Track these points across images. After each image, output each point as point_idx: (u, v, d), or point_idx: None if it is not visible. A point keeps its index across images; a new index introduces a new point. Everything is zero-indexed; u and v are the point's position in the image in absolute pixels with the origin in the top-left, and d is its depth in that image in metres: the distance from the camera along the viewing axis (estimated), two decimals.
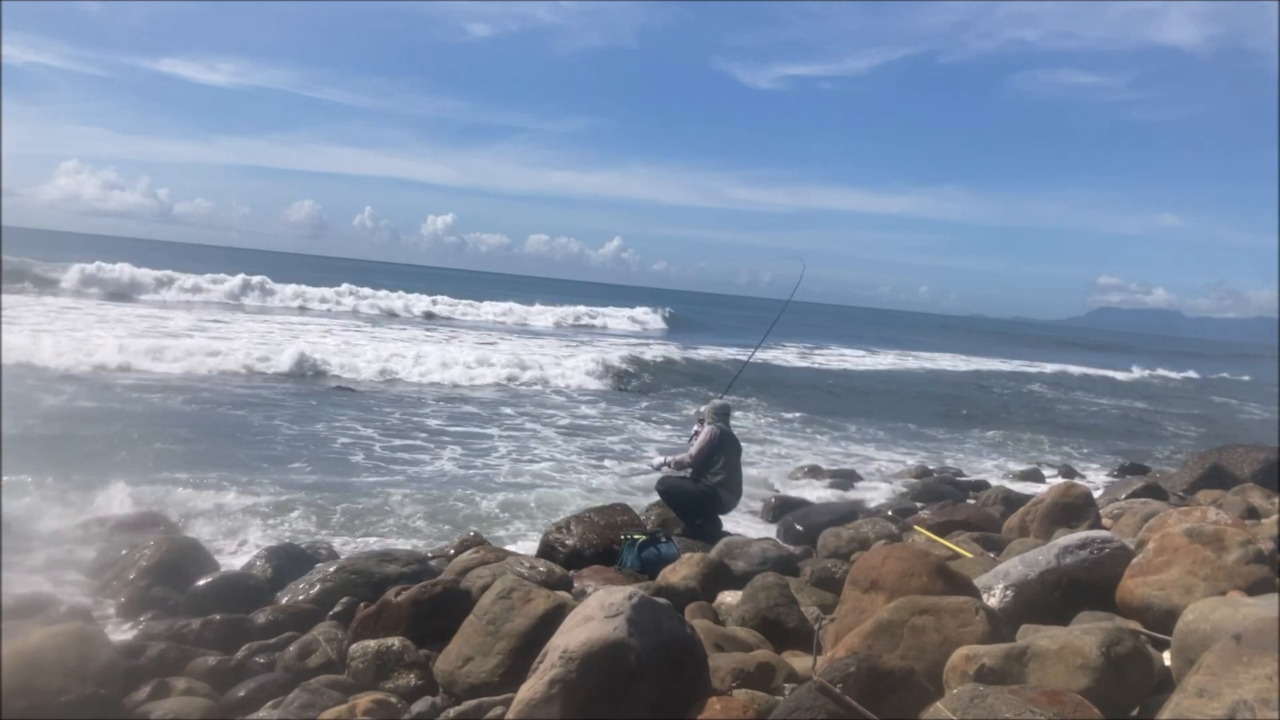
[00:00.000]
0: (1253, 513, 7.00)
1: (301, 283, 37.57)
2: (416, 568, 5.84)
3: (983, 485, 10.78)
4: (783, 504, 8.80)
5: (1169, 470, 11.97)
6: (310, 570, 5.86)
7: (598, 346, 21.71)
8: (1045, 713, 2.57)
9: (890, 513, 8.63)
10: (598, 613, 3.23)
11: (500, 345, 24.48)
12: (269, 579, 5.83)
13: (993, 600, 4.13)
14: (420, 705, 4.00)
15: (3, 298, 22.03)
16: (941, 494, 9.92)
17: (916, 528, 7.28)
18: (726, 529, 7.67)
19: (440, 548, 6.85)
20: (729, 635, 4.50)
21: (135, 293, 30.66)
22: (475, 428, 12.90)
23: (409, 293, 40.40)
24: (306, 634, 4.88)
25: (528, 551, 6.68)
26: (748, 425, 14.62)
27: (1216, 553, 4.06)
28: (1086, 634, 3.16)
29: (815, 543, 7.26)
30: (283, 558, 6.10)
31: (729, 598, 5.36)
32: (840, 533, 7.08)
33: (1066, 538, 4.52)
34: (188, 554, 5.89)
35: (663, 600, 3.72)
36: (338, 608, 5.29)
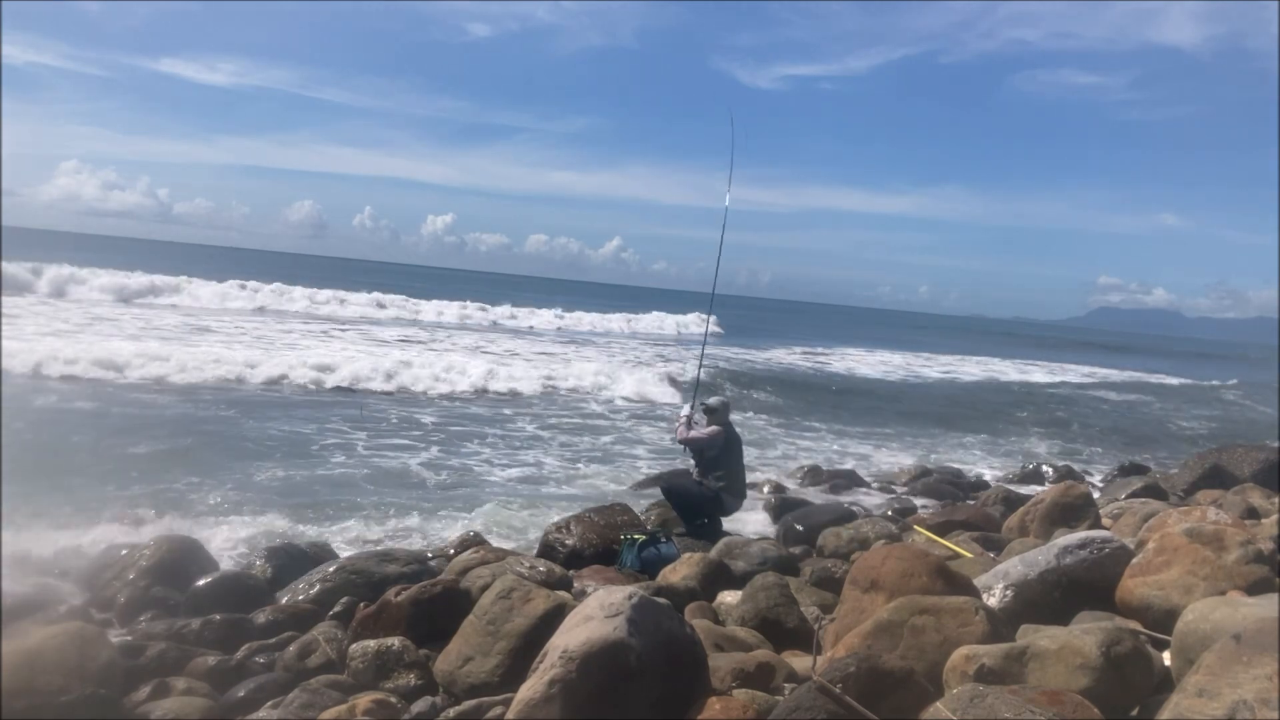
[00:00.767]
0: (1253, 513, 7.00)
1: (376, 289, 38.61)
2: (416, 568, 5.84)
3: (983, 485, 10.78)
4: (783, 504, 8.79)
5: (1169, 470, 11.96)
6: (310, 570, 5.86)
7: (678, 359, 20.60)
8: (1045, 713, 2.56)
9: (890, 513, 8.63)
10: (598, 613, 3.23)
11: (577, 355, 23.42)
12: (269, 579, 5.84)
13: (993, 600, 4.13)
14: (420, 705, 4.00)
15: (8, 298, 22.01)
16: (941, 494, 9.92)
17: (916, 528, 7.28)
18: (726, 529, 7.68)
19: (440, 548, 6.85)
20: (729, 635, 4.50)
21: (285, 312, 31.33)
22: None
23: (469, 301, 40.56)
24: (306, 634, 4.88)
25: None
26: (815, 443, 14.20)
27: (1216, 553, 4.06)
28: (1086, 634, 3.16)
29: (815, 543, 7.26)
30: (283, 558, 6.10)
31: (729, 598, 5.36)
32: (840, 533, 7.08)
33: (1066, 538, 4.52)
34: (188, 554, 5.89)
35: (663, 600, 3.72)
36: (338, 608, 5.29)
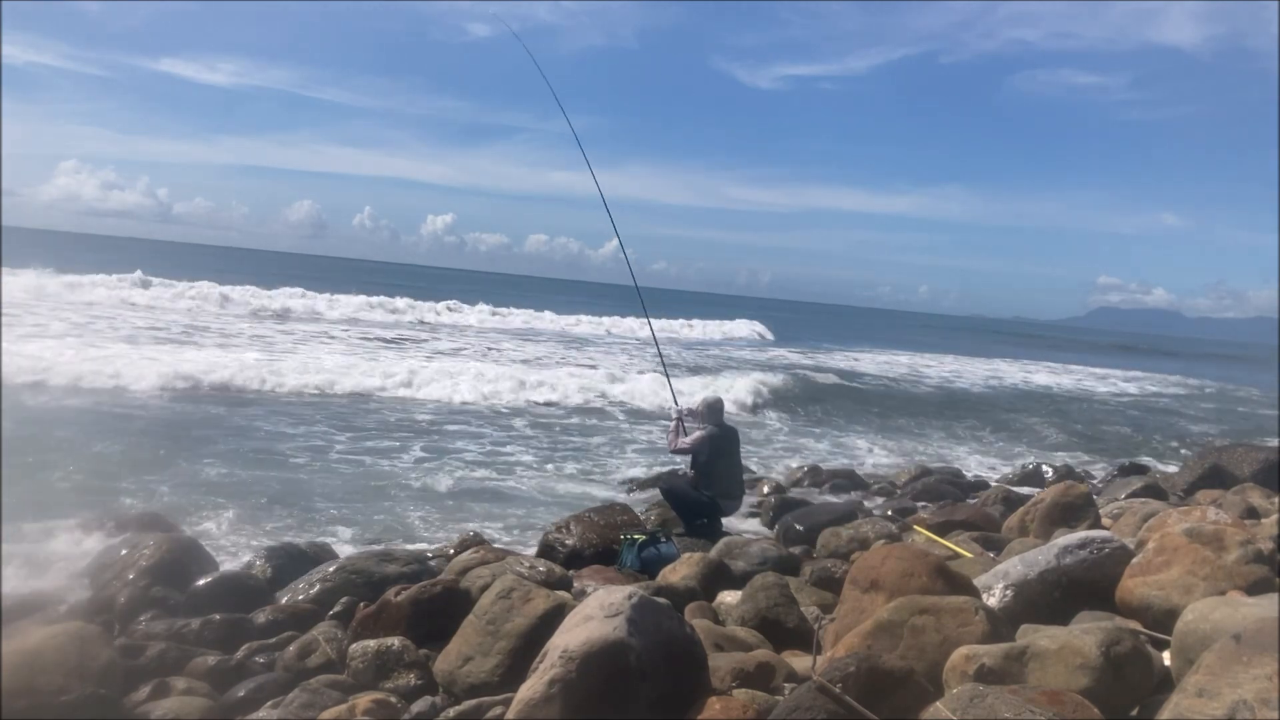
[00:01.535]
0: (1252, 513, 6.99)
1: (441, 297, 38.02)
2: (416, 567, 5.84)
3: (983, 485, 10.78)
4: (783, 504, 8.79)
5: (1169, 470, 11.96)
6: (310, 570, 5.86)
7: (745, 371, 19.48)
8: (1045, 713, 2.56)
9: (890, 512, 8.63)
10: (598, 612, 3.23)
11: (645, 366, 21.75)
12: (269, 579, 5.83)
13: (992, 600, 4.13)
14: (420, 705, 4.00)
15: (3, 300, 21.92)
16: (941, 494, 9.91)
17: (916, 528, 7.27)
18: (726, 529, 7.68)
19: (440, 548, 6.86)
20: (729, 635, 4.50)
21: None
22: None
23: (523, 308, 39.61)
24: (306, 634, 4.88)
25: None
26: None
27: (1216, 553, 4.06)
28: (1086, 634, 3.16)
29: (815, 543, 7.26)
30: (283, 557, 6.09)
31: (729, 598, 5.36)
32: (840, 533, 7.08)
33: (1066, 537, 4.52)
34: (188, 554, 5.88)
35: (663, 600, 3.73)
36: (338, 607, 5.28)
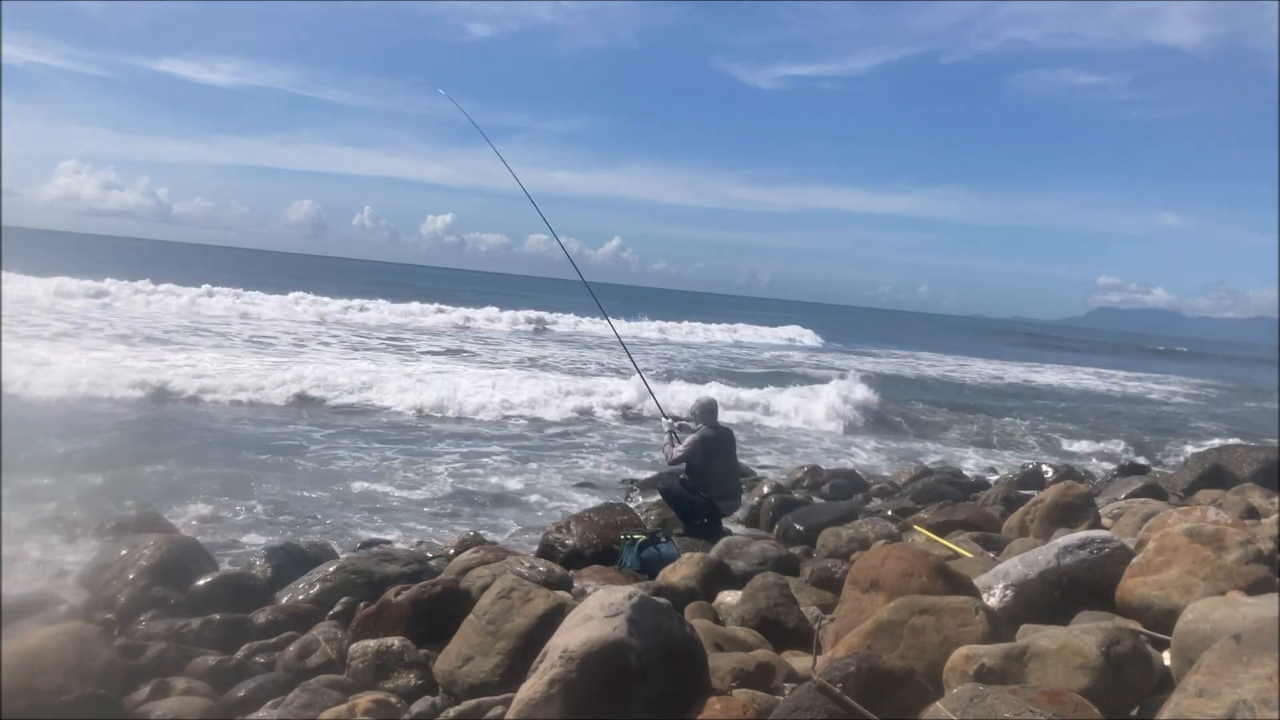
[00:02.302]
0: (1253, 513, 6.99)
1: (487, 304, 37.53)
2: (416, 568, 5.84)
3: (983, 485, 10.78)
4: (783, 504, 8.79)
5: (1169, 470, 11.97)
6: (310, 570, 5.86)
7: (833, 383, 18.18)
8: (1045, 713, 2.56)
9: (890, 513, 8.62)
10: (598, 612, 3.22)
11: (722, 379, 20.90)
12: (269, 579, 5.83)
13: (992, 600, 4.13)
14: (420, 705, 4.00)
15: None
16: (941, 494, 9.91)
17: (916, 528, 7.27)
18: (726, 529, 7.68)
19: (440, 548, 6.86)
20: (729, 635, 4.49)
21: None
22: None
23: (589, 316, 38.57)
24: (306, 634, 4.88)
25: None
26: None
27: (1216, 553, 4.06)
28: (1086, 634, 3.16)
29: (815, 543, 7.26)
30: (283, 558, 6.09)
31: (729, 598, 5.35)
32: (840, 533, 7.07)
33: (1066, 538, 4.51)
34: (188, 554, 5.89)
35: (663, 600, 3.72)
36: (338, 607, 5.28)
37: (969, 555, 5.95)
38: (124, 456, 9.15)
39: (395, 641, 4.47)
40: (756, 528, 8.46)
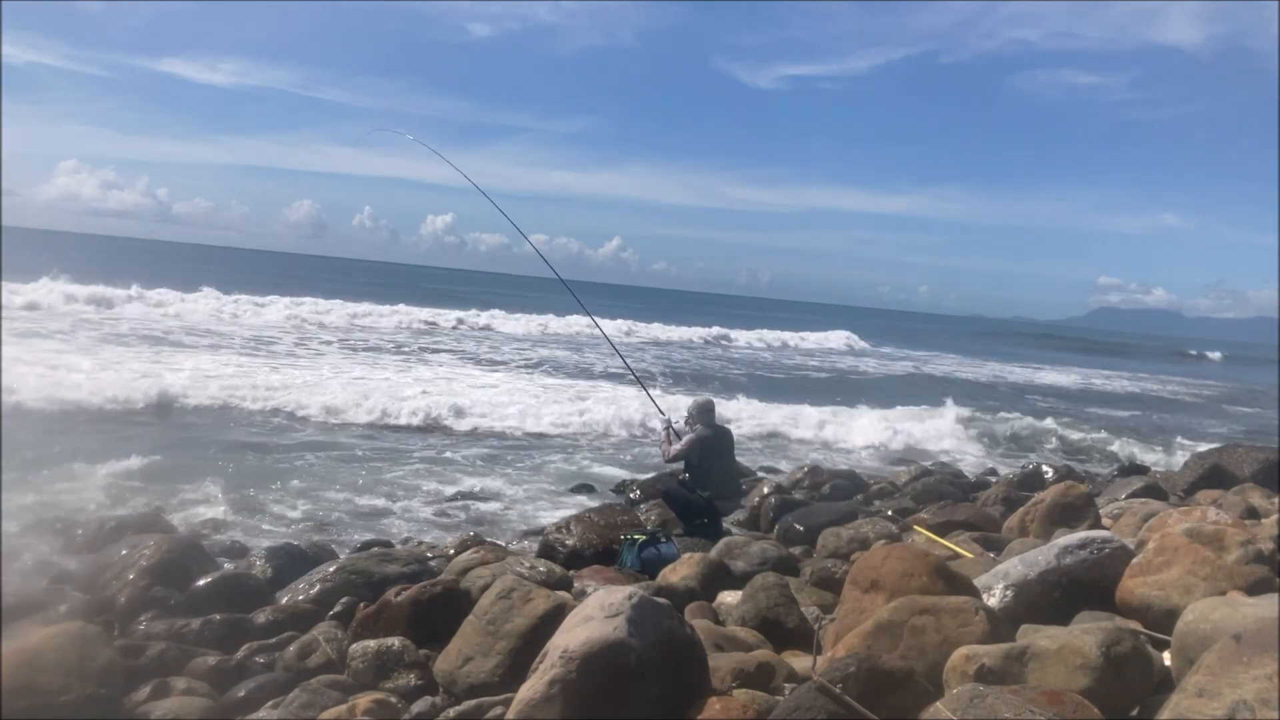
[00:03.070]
0: (1253, 513, 6.98)
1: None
2: (416, 568, 5.84)
3: (983, 485, 10.77)
4: (783, 504, 8.78)
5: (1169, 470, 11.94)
6: (310, 570, 5.86)
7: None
8: (1045, 713, 2.56)
9: (890, 513, 8.61)
10: (598, 612, 3.22)
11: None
12: (269, 579, 5.83)
13: (993, 600, 4.12)
14: (420, 705, 4.00)
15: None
16: (941, 494, 9.90)
17: (916, 528, 7.26)
18: (726, 528, 7.68)
19: (440, 548, 6.85)
20: (729, 635, 4.49)
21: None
22: None
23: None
24: (306, 634, 4.88)
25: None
26: None
27: (1216, 553, 4.05)
28: (1086, 634, 3.16)
29: (815, 543, 7.25)
30: (283, 558, 6.10)
31: (729, 598, 5.35)
32: (840, 533, 7.07)
33: (1066, 538, 4.51)
34: (188, 554, 5.89)
35: (663, 600, 3.72)
36: (338, 608, 5.29)
37: (969, 555, 5.95)
38: (124, 457, 9.14)
39: (395, 641, 4.47)
40: (756, 528, 8.45)
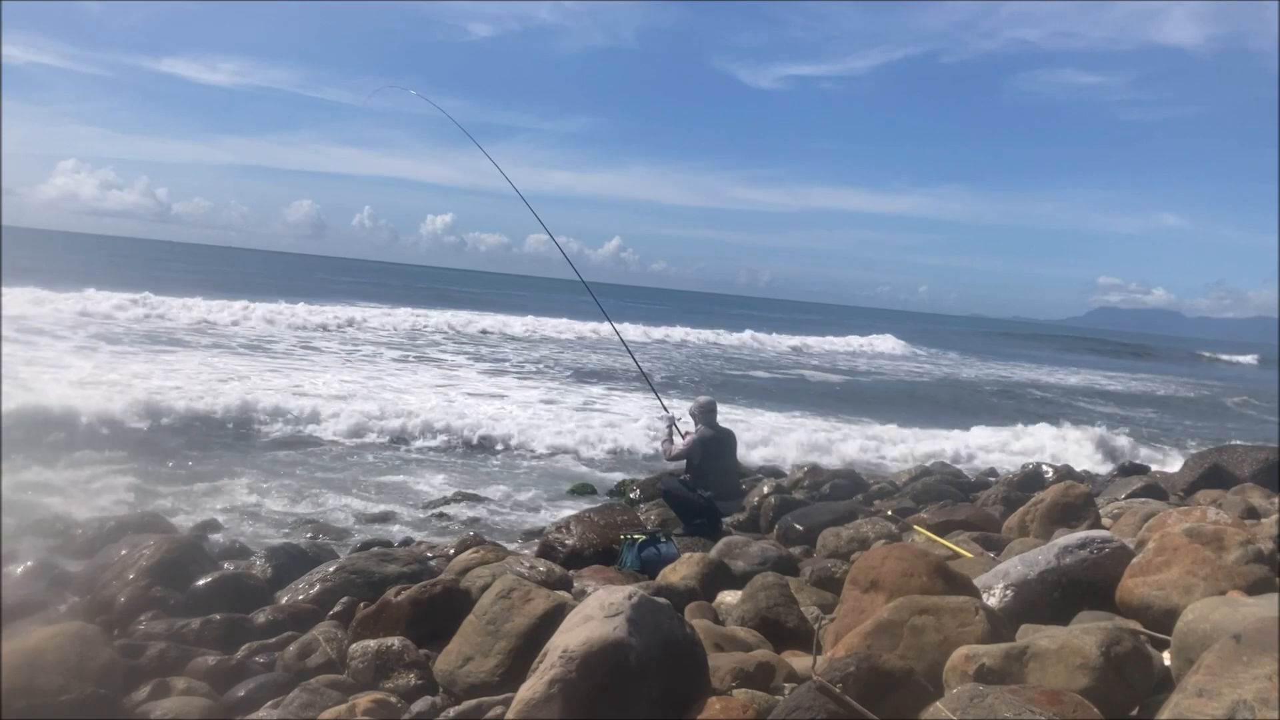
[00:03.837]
0: (1252, 513, 6.98)
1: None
2: (416, 568, 5.84)
3: (983, 485, 10.77)
4: (783, 504, 8.78)
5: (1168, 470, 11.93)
6: (310, 570, 5.86)
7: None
8: (1045, 713, 2.56)
9: (890, 512, 8.61)
10: (597, 612, 3.22)
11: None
12: (269, 579, 5.84)
13: (992, 600, 4.12)
14: (420, 705, 4.00)
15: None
16: (941, 494, 9.90)
17: (916, 528, 7.26)
18: (726, 528, 7.68)
19: (440, 548, 6.85)
20: (729, 635, 4.49)
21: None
22: None
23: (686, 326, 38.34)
24: (306, 634, 4.89)
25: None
26: None
27: (1216, 552, 4.05)
28: (1086, 634, 3.16)
29: (815, 543, 7.25)
30: (283, 558, 6.10)
31: (729, 597, 5.35)
32: (840, 533, 7.06)
33: (1066, 537, 4.51)
34: (188, 554, 5.89)
35: (663, 600, 3.72)
36: (338, 607, 5.29)
37: (969, 555, 5.94)
38: (124, 457, 9.14)
39: (395, 641, 4.47)
40: (756, 528, 8.45)
